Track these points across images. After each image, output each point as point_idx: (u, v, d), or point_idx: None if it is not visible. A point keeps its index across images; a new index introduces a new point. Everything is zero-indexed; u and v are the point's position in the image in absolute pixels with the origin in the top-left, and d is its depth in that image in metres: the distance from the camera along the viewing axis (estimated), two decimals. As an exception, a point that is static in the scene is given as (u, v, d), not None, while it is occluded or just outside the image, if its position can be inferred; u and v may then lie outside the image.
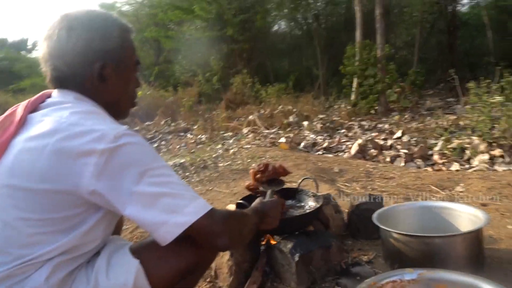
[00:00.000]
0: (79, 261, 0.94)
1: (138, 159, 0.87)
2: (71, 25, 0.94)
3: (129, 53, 1.04)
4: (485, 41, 11.15)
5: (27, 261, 0.85)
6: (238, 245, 1.09)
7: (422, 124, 5.64)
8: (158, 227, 0.87)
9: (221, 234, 0.94)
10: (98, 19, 0.98)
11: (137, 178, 0.86)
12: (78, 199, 0.86)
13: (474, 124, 4.22)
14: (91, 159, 0.83)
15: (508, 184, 2.63)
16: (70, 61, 0.95)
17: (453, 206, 1.71)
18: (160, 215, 0.87)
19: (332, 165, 3.65)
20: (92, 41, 0.95)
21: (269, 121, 7.12)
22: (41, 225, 0.85)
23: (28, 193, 0.85)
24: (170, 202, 0.88)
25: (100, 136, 0.85)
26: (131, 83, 1.07)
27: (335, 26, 13.01)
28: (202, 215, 0.90)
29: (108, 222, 0.97)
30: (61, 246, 0.87)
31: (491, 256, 1.61)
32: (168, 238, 0.89)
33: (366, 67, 7.41)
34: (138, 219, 0.88)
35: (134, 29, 1.08)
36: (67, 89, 0.98)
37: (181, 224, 0.88)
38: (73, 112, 0.90)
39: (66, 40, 0.94)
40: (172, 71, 13.55)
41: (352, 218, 1.93)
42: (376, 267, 1.61)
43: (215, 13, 11.72)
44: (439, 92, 9.79)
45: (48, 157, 0.84)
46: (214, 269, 1.64)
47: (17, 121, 0.91)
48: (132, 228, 2.37)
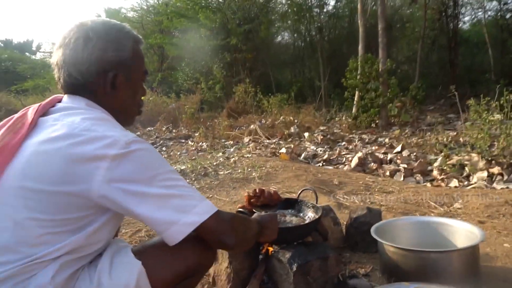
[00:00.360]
0: (83, 261, 0.97)
1: (148, 164, 0.92)
2: (88, 35, 0.99)
3: (139, 64, 1.09)
4: (485, 58, 11.27)
5: (34, 260, 0.88)
6: (243, 245, 1.14)
7: (422, 139, 5.68)
8: (169, 227, 0.92)
9: (228, 233, 1.00)
10: (113, 31, 1.03)
11: (148, 181, 0.90)
12: (88, 201, 0.90)
13: (473, 141, 4.25)
14: (103, 163, 0.87)
15: (505, 202, 2.65)
16: (85, 69, 0.99)
17: (450, 222, 1.74)
18: (171, 215, 0.91)
19: (332, 177, 3.67)
20: (107, 52, 1.00)
21: (270, 131, 7.16)
22: (51, 226, 0.89)
23: (39, 194, 0.88)
24: (180, 202, 0.93)
25: (112, 142, 0.89)
26: (138, 91, 1.12)
27: (338, 39, 13.14)
28: (211, 215, 0.95)
29: (114, 224, 1.01)
30: (67, 246, 0.90)
31: (487, 273, 1.63)
32: (179, 237, 0.93)
33: (368, 81, 7.48)
34: (149, 218, 0.91)
35: (143, 41, 1.13)
36: (78, 95, 1.02)
37: (191, 224, 0.92)
38: (85, 118, 0.94)
39: (82, 49, 0.98)
40: (175, 78, 13.64)
41: (350, 230, 1.95)
42: (373, 280, 1.63)
43: (220, 22, 11.85)
44: (439, 107, 9.85)
45: (61, 161, 0.87)
46: (212, 275, 1.65)
47: (29, 124, 0.94)
48: (131, 233, 2.39)
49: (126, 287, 0.93)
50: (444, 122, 7.53)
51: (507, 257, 1.79)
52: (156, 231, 0.94)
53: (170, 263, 1.02)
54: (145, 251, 1.03)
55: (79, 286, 0.94)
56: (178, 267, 1.03)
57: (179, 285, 1.06)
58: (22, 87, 16.19)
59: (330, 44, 12.87)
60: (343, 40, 13.09)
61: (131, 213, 0.92)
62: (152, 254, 1.02)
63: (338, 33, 13.30)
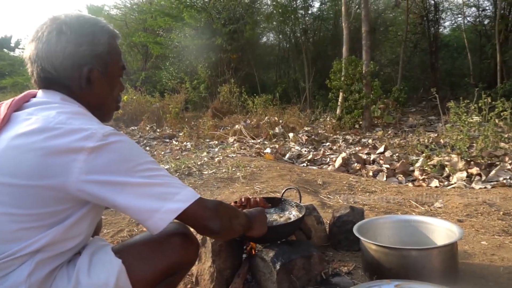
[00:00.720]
0: (61, 259, 0.94)
1: (127, 155, 0.90)
2: (61, 28, 0.96)
3: (115, 59, 1.07)
4: (465, 63, 11.57)
5: (9, 256, 0.85)
6: (229, 232, 1.10)
7: (404, 140, 5.79)
8: (152, 215, 0.90)
9: (213, 218, 0.98)
10: (88, 25, 1.00)
11: (128, 172, 0.89)
12: (65, 195, 0.87)
13: (453, 142, 4.36)
14: (80, 156, 0.85)
15: (483, 201, 2.72)
16: (59, 64, 0.96)
17: (430, 220, 1.77)
18: (153, 203, 0.89)
19: (316, 177, 3.70)
20: (81, 46, 0.98)
21: (255, 131, 7.17)
22: (26, 221, 0.86)
23: (13, 189, 0.85)
24: (162, 190, 0.91)
25: (89, 134, 0.87)
26: (116, 87, 1.09)
27: (323, 41, 13.27)
28: (194, 201, 0.94)
29: (92, 218, 0.98)
30: (44, 238, 0.88)
31: (465, 270, 1.67)
32: (161, 224, 0.91)
33: (352, 83, 7.58)
34: (131, 208, 0.89)
35: (120, 35, 1.11)
36: (53, 90, 0.99)
37: (173, 211, 0.91)
38: (60, 112, 0.91)
39: (55, 43, 0.95)
40: (159, 77, 13.51)
41: (333, 229, 1.96)
42: (355, 278, 1.64)
43: (204, 22, 11.80)
44: (421, 110, 10.07)
45: (36, 154, 0.84)
46: (195, 275, 1.64)
47: (1, 119, 0.92)
48: (113, 233, 2.35)
49: (105, 286, 0.91)
50: (425, 123, 7.70)
51: (484, 255, 1.83)
52: (138, 220, 0.92)
53: (151, 261, 1.00)
54: (126, 249, 1.01)
55: (57, 285, 0.91)
56: (159, 265, 1.01)
57: (161, 284, 1.04)
58: (0, 85, 15.76)
59: (315, 46, 13.00)
60: (327, 42, 13.24)
61: (112, 204, 0.89)
62: (132, 252, 1.00)
63: (322, 35, 13.44)
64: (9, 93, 14.10)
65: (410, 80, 12.29)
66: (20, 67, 18.11)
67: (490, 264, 1.73)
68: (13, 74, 17.96)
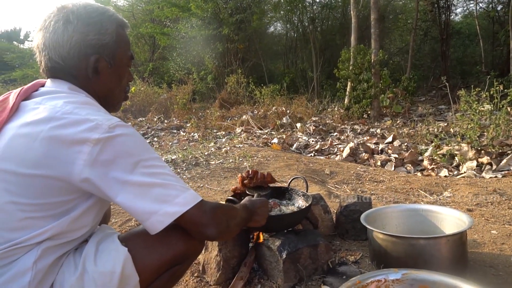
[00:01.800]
0: (68, 247, 0.95)
1: (131, 150, 0.89)
2: (68, 18, 0.96)
3: (123, 48, 1.05)
4: (477, 50, 11.35)
5: (16, 244, 0.86)
6: (226, 236, 1.09)
7: (413, 129, 5.72)
8: (149, 216, 0.89)
9: (209, 225, 0.96)
10: (95, 14, 0.99)
11: (130, 168, 0.88)
12: (70, 186, 0.87)
13: (463, 131, 4.29)
14: (85, 147, 0.85)
15: (494, 190, 2.68)
16: (66, 53, 0.96)
17: (438, 209, 1.75)
18: (151, 205, 0.89)
19: (323, 167, 3.68)
20: (88, 35, 0.97)
21: (262, 122, 7.15)
22: (32, 210, 0.86)
23: (20, 178, 0.85)
24: (161, 192, 0.90)
25: (94, 126, 0.86)
26: (124, 77, 1.09)
27: (331, 30, 13.11)
28: (192, 206, 0.92)
29: (98, 210, 0.99)
30: (50, 231, 0.88)
31: (474, 259, 1.65)
32: (158, 227, 0.90)
33: (360, 72, 7.48)
34: (129, 207, 0.89)
35: (129, 24, 1.10)
36: (61, 79, 0.99)
37: (171, 214, 0.90)
38: (67, 101, 0.91)
39: (62, 32, 0.95)
40: (166, 68, 13.51)
41: (340, 218, 1.95)
42: (362, 267, 1.63)
43: (211, 12, 11.72)
44: (431, 99, 9.92)
45: (42, 144, 0.85)
46: (202, 264, 1.65)
47: (10, 108, 0.92)
48: (121, 222, 2.37)
49: (111, 273, 0.92)
50: (435, 113, 7.59)
51: (494, 244, 1.81)
52: (137, 220, 0.92)
53: (157, 250, 1.00)
54: (132, 238, 1.01)
55: (63, 272, 0.92)
56: (165, 254, 1.01)
57: (166, 272, 1.04)
58: (10, 77, 15.92)
59: (323, 35, 12.85)
60: (335, 31, 13.07)
61: (112, 200, 0.90)
62: (138, 241, 1.00)
63: (330, 24, 13.27)
64: (19, 85, 14.21)
65: (420, 68, 12.11)
66: (30, 59, 18.27)
67: (500, 254, 1.70)
68: (22, 66, 18.13)
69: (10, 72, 16.89)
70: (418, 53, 12.59)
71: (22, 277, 0.85)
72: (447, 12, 11.32)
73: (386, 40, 14.13)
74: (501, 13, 10.90)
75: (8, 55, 20.22)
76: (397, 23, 14.00)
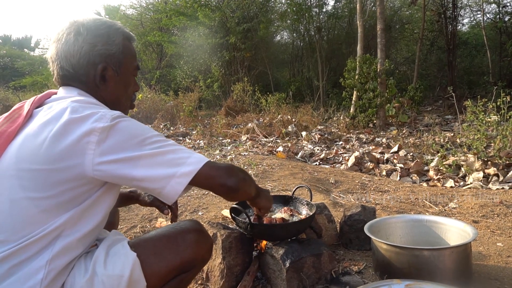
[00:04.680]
0: (79, 249, 0.98)
1: (135, 132, 0.95)
2: (79, 30, 1.05)
3: (129, 59, 1.13)
4: (484, 60, 11.32)
5: (30, 239, 0.89)
6: (246, 188, 1.09)
7: (419, 139, 5.69)
8: (169, 181, 0.94)
9: (228, 175, 1.00)
10: (103, 26, 1.08)
11: (139, 146, 0.93)
12: (82, 177, 0.92)
13: (470, 142, 4.27)
14: (92, 137, 0.90)
15: (500, 202, 2.66)
16: (76, 62, 1.04)
17: (443, 220, 1.74)
18: (168, 169, 0.94)
19: (328, 176, 3.68)
20: (96, 45, 1.05)
21: (268, 130, 7.16)
22: (46, 203, 0.91)
23: (34, 173, 0.90)
24: (174, 156, 0.96)
25: (99, 116, 0.93)
26: (130, 86, 1.17)
27: (337, 39, 13.17)
28: (205, 163, 0.97)
29: (107, 201, 1.02)
30: (63, 222, 0.92)
31: (479, 271, 1.64)
32: (179, 188, 0.95)
33: (366, 81, 7.49)
34: (148, 177, 0.93)
35: (136, 38, 1.19)
36: (72, 86, 1.07)
37: (188, 173, 0.95)
38: (74, 100, 0.99)
39: (73, 43, 1.04)
40: (173, 76, 13.63)
41: (344, 228, 1.95)
42: (365, 277, 1.63)
43: (218, 21, 11.85)
44: (437, 108, 9.89)
45: (52, 140, 0.90)
46: (205, 271, 1.65)
47: (25, 115, 0.99)
48: (126, 229, 2.39)
49: (120, 277, 0.95)
50: (441, 123, 7.56)
51: (500, 256, 1.79)
52: (155, 191, 0.95)
53: (165, 256, 1.03)
54: (141, 243, 1.05)
55: (74, 275, 0.95)
56: (173, 261, 1.04)
57: (173, 280, 1.07)
58: (21, 84, 16.15)
59: (329, 44, 12.90)
60: (342, 40, 13.13)
61: (130, 179, 0.93)
62: (147, 247, 1.04)
63: (337, 33, 13.33)
64: (29, 91, 14.46)
65: (426, 78, 12.08)
66: (40, 66, 18.54)
67: (505, 266, 1.69)
68: (32, 73, 18.38)
69: (20, 78, 17.14)
70: (424, 63, 12.58)
71: (36, 274, 0.89)
72: (454, 23, 11.32)
73: (392, 50, 14.16)
74: (509, 23, 10.89)
75: (19, 62, 20.54)
76: (403, 33, 14.03)
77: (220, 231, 1.61)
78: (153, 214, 2.63)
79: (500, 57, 11.04)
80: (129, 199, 1.42)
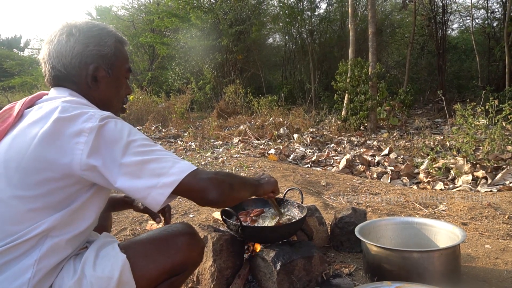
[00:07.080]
0: (68, 250, 0.97)
1: (121, 134, 0.94)
2: (71, 31, 1.05)
3: (121, 61, 1.13)
4: (473, 65, 11.48)
5: (18, 238, 0.89)
6: (232, 197, 1.04)
7: (409, 142, 5.75)
8: (150, 191, 0.92)
9: (210, 188, 0.96)
10: (95, 28, 1.09)
11: (123, 151, 0.92)
12: (71, 177, 0.91)
13: (459, 145, 4.32)
14: (81, 137, 0.90)
15: (488, 205, 2.70)
16: (67, 62, 1.04)
17: (432, 223, 1.76)
18: (149, 180, 0.92)
19: (319, 178, 3.69)
20: (88, 46, 1.06)
21: (260, 132, 7.17)
22: (34, 202, 0.90)
23: (22, 171, 0.89)
24: (156, 166, 0.93)
25: (88, 117, 0.93)
26: (121, 88, 1.16)
27: (329, 42, 13.24)
28: (187, 173, 0.94)
29: (97, 203, 1.01)
30: (52, 222, 0.91)
31: (467, 273, 1.65)
32: (160, 199, 0.93)
33: (358, 84, 7.55)
34: (130, 188, 0.92)
35: (128, 41, 1.19)
36: (63, 87, 1.07)
37: (169, 184, 0.92)
38: (65, 101, 0.98)
39: (65, 43, 1.04)
40: (165, 77, 13.57)
41: (335, 230, 1.95)
42: (356, 279, 1.63)
43: (211, 23, 11.83)
44: (427, 112, 10.00)
45: (41, 140, 0.90)
46: (196, 274, 1.64)
47: (15, 115, 0.99)
48: (116, 231, 2.37)
49: (108, 279, 0.94)
50: (431, 126, 7.65)
51: (488, 258, 1.82)
52: (139, 199, 0.94)
53: (155, 259, 1.02)
54: (132, 246, 1.04)
55: (62, 276, 0.94)
56: (163, 264, 1.03)
57: (164, 283, 1.06)
58: (9, 84, 15.93)
59: (321, 47, 12.97)
60: (333, 44, 13.20)
61: (112, 185, 0.92)
62: (138, 249, 1.03)
63: (329, 37, 13.40)
64: (18, 92, 14.25)
65: (416, 82, 12.21)
66: (29, 67, 18.30)
67: (493, 268, 1.71)
68: (22, 73, 18.13)
69: (9, 79, 16.89)
70: (415, 66, 12.72)
71: (24, 274, 0.88)
72: (444, 27, 11.47)
73: (384, 54, 14.29)
74: (497, 29, 11.06)
75: (8, 62, 20.24)
76: (394, 37, 14.18)
77: (211, 234, 1.60)
78: (143, 217, 2.60)
79: (488, 62, 11.21)
80: (123, 205, 1.41)
